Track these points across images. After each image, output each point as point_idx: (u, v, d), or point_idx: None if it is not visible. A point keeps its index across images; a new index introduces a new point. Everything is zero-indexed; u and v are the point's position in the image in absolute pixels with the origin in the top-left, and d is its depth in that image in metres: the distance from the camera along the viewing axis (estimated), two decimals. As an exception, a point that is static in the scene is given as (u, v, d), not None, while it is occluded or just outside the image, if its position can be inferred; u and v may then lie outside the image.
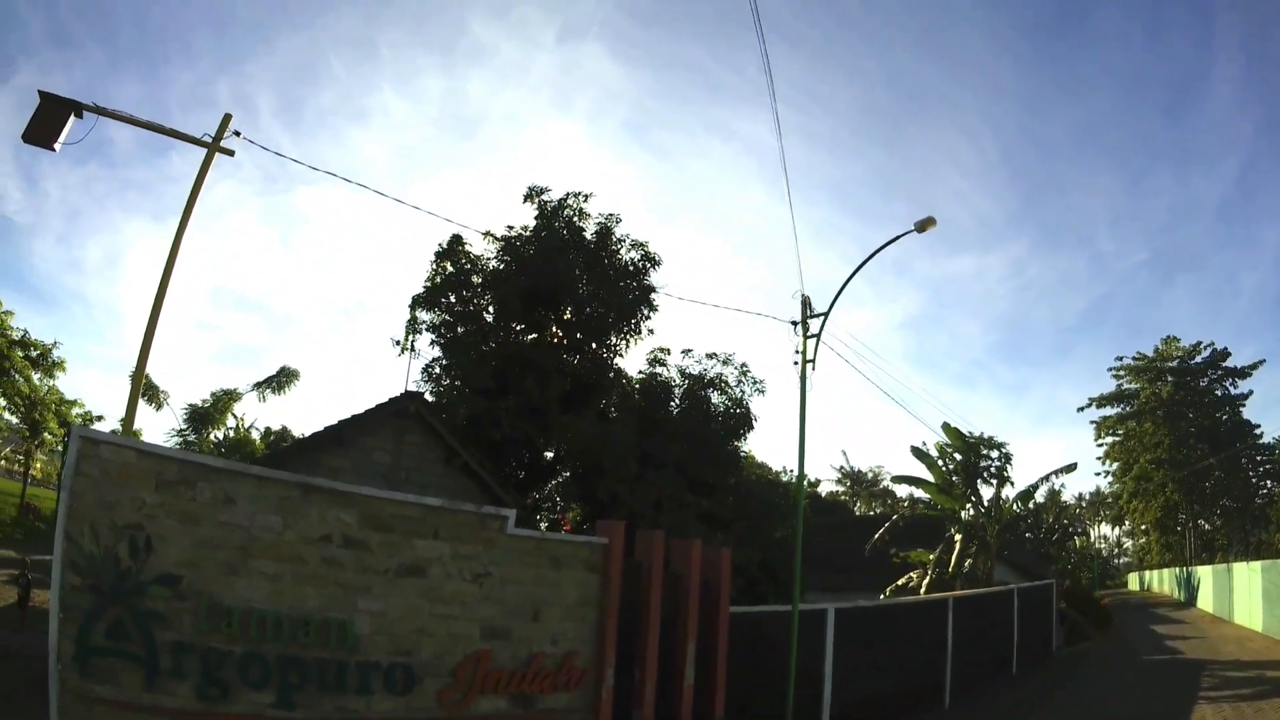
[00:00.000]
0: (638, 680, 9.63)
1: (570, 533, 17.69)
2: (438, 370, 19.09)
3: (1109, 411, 38.36)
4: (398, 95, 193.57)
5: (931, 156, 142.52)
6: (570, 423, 17.85)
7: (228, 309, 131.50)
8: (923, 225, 11.92)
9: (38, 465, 45.57)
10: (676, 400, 19.79)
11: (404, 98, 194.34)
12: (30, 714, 9.38)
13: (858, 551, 27.29)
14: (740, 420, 19.52)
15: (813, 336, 12.93)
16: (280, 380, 44.17)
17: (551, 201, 19.80)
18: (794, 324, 13.20)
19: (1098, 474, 45.40)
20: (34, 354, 31.23)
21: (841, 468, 51.49)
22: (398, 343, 19.94)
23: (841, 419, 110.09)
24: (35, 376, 32.19)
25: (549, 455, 19.95)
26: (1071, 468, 26.66)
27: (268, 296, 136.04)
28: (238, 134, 11.48)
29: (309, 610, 7.80)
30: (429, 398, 17.64)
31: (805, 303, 13.24)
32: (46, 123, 10.46)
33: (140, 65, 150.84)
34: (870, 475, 54.46)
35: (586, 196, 19.97)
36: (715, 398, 19.82)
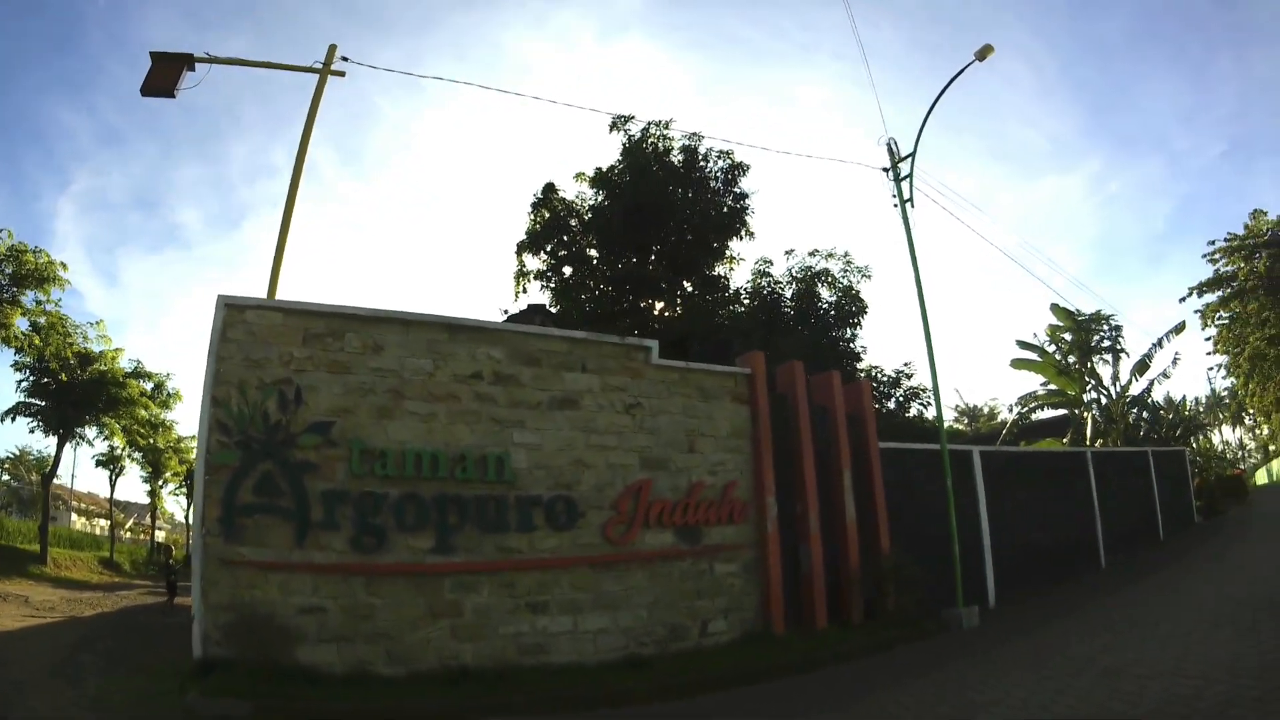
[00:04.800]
0: (799, 513, 9.28)
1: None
2: (549, 311, 18.87)
3: (1211, 298, 36.20)
4: (448, 122, 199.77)
5: (991, 84, 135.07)
6: (696, 303, 17.57)
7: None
8: (982, 53, 12.32)
9: (163, 506, 46.80)
10: (788, 302, 19.35)
11: (453, 123, 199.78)
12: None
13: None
14: (853, 306, 18.97)
15: (905, 178, 13.17)
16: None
17: (635, 132, 19.51)
18: (885, 170, 13.38)
19: (1210, 369, 42.91)
20: (149, 386, 32.26)
21: (957, 406, 50.24)
22: (505, 312, 19.71)
23: (948, 354, 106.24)
24: (146, 413, 32.73)
25: None
26: (1180, 327, 25.00)
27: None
28: (345, 59, 11.46)
29: (465, 446, 7.62)
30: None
31: (891, 146, 13.45)
32: (162, 76, 10.76)
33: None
34: (986, 410, 53.20)
35: (668, 123, 19.70)
36: (824, 292, 19.36)
